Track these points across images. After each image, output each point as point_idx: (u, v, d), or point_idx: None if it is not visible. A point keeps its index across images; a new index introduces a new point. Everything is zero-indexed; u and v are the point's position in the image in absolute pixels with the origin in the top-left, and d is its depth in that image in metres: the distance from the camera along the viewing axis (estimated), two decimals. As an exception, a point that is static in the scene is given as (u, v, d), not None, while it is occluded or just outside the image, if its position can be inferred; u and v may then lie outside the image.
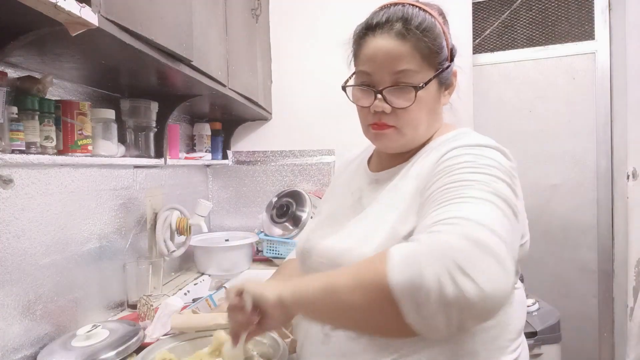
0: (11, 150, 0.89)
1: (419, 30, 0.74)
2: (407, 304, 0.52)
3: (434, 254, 0.52)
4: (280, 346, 0.84)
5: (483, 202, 0.59)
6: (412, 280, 0.51)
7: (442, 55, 0.77)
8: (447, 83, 0.82)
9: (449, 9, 0.84)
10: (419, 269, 0.51)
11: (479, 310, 0.50)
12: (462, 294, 0.49)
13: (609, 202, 2.22)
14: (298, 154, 2.21)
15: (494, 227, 0.54)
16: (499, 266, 0.51)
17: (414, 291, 0.51)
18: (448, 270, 0.50)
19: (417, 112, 0.76)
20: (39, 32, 0.77)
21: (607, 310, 2.23)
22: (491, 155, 0.68)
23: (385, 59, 0.75)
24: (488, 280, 0.49)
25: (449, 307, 0.49)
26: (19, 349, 0.97)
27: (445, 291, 0.49)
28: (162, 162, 1.51)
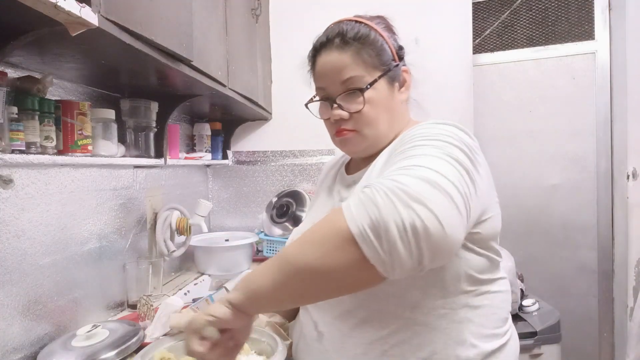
0: (11, 150, 0.89)
1: (355, 40, 0.82)
2: (367, 242, 0.52)
3: (388, 191, 0.53)
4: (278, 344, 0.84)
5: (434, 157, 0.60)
6: (370, 217, 0.52)
7: (384, 57, 0.83)
8: (398, 80, 0.86)
9: (449, 8, 0.86)
10: (374, 205, 0.52)
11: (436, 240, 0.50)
12: (419, 218, 0.50)
13: (609, 202, 2.22)
14: (298, 154, 2.21)
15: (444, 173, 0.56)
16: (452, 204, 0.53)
17: (373, 227, 0.51)
18: (403, 201, 0.51)
19: (371, 112, 0.82)
20: (39, 32, 0.77)
21: (607, 310, 2.23)
22: (447, 129, 0.70)
23: (333, 72, 0.83)
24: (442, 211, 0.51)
25: (408, 235, 0.50)
26: (19, 349, 0.97)
27: (403, 219, 0.50)
28: (162, 162, 1.51)
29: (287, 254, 0.59)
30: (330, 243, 0.55)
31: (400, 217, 0.50)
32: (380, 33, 0.84)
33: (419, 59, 0.96)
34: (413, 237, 0.50)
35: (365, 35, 0.82)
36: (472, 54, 2.15)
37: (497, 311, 0.75)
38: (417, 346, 0.70)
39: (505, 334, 0.77)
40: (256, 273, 0.62)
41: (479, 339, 0.72)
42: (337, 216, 0.55)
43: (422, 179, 0.54)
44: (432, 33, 2.11)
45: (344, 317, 0.75)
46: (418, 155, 0.62)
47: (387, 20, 0.90)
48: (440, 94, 2.11)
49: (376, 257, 0.52)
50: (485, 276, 0.74)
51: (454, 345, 0.70)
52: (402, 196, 0.52)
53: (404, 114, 0.88)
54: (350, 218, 0.53)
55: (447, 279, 0.70)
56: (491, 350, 0.73)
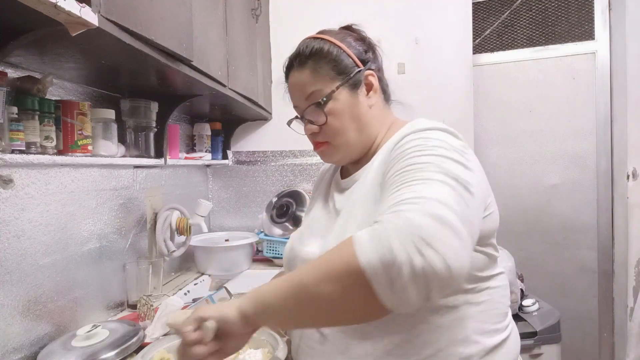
0: (11, 150, 0.89)
1: (310, 56, 0.86)
2: (380, 282, 0.53)
3: (400, 231, 0.54)
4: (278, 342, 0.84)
5: (437, 183, 0.62)
6: (383, 257, 0.53)
7: (341, 66, 0.85)
8: (361, 86, 0.87)
9: (449, 9, 0.87)
10: (388, 246, 0.53)
11: (444, 279, 0.53)
12: (429, 265, 0.52)
13: (609, 202, 2.22)
14: (298, 154, 2.21)
15: (449, 204, 0.58)
16: (457, 238, 0.55)
17: (386, 268, 0.53)
18: (415, 244, 0.53)
19: (336, 123, 0.85)
20: (39, 32, 0.77)
21: (607, 310, 2.23)
22: (438, 137, 0.71)
23: (297, 90, 0.89)
24: (449, 251, 0.53)
25: (418, 278, 0.52)
26: (19, 349, 0.97)
27: (414, 263, 0.52)
28: (162, 162, 1.51)
29: (303, 280, 0.60)
30: (343, 278, 0.56)
31: (411, 262, 0.52)
32: (336, 44, 0.86)
33: (419, 58, 0.96)
34: (424, 280, 0.52)
35: (318, 50, 0.86)
36: (472, 54, 2.15)
37: (497, 306, 0.77)
38: (421, 345, 0.71)
39: (506, 329, 0.78)
40: (270, 289, 0.63)
41: (481, 334, 0.73)
42: (349, 251, 0.56)
43: (431, 216, 0.55)
44: (432, 33, 2.12)
45: None
46: (421, 180, 0.63)
47: (350, 30, 0.92)
48: (440, 94, 2.11)
49: (386, 295, 0.54)
50: (484, 273, 0.76)
51: (457, 342, 0.71)
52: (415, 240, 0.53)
53: (380, 116, 0.89)
54: (362, 256, 0.54)
55: None
56: (493, 345, 0.74)
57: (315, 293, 0.58)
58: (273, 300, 0.62)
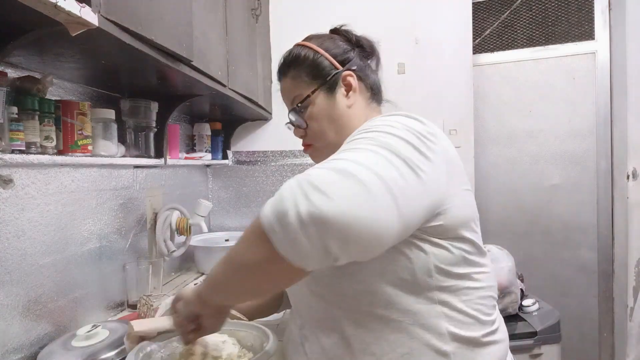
0: (11, 150, 0.89)
1: (290, 64, 0.90)
2: (274, 233, 0.53)
3: (294, 184, 0.54)
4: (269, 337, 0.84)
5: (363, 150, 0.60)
6: (275, 208, 0.54)
7: (318, 69, 0.88)
8: (339, 87, 0.88)
9: (449, 9, 0.86)
10: (280, 197, 0.54)
11: (338, 227, 0.50)
12: (315, 208, 0.50)
13: (609, 202, 2.22)
14: (298, 154, 2.21)
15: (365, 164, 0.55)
16: (363, 189, 0.52)
17: (277, 217, 0.53)
18: (303, 190, 0.52)
19: (315, 126, 0.88)
20: (39, 32, 0.77)
21: (607, 310, 2.23)
22: (395, 119, 0.68)
23: (284, 96, 0.93)
24: (345, 197, 0.51)
25: (305, 224, 0.51)
26: (19, 349, 0.97)
27: (299, 207, 0.51)
28: (162, 162, 1.51)
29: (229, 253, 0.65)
30: (251, 238, 0.59)
31: (297, 206, 0.51)
32: (313, 48, 0.89)
33: (419, 58, 0.96)
34: (312, 225, 0.50)
35: (296, 57, 0.90)
36: (472, 54, 2.15)
37: (476, 306, 0.72)
38: (395, 342, 0.69)
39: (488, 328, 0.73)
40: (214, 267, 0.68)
41: (458, 332, 0.70)
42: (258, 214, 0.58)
43: (332, 169, 0.54)
44: (432, 33, 2.12)
45: (322, 319, 0.75)
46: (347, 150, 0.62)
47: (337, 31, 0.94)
48: (440, 94, 2.11)
49: (283, 248, 0.53)
50: (459, 270, 0.71)
51: (433, 339, 0.69)
52: (304, 186, 0.53)
53: (362, 115, 0.88)
54: (262, 212, 0.56)
55: (417, 274, 0.68)
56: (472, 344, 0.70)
57: (235, 260, 0.63)
58: (214, 276, 0.68)
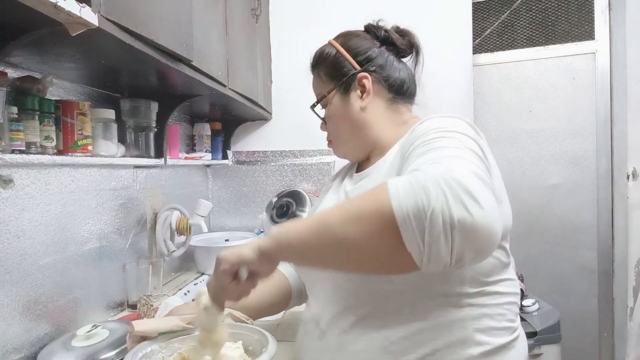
0: (11, 150, 0.89)
1: (316, 62, 0.93)
2: (409, 229, 0.50)
3: (440, 176, 0.50)
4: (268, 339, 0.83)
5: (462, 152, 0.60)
6: (417, 203, 0.49)
7: (338, 69, 0.89)
8: (354, 89, 0.88)
9: (449, 9, 0.87)
10: (425, 191, 0.49)
11: (480, 237, 0.48)
12: (470, 216, 0.47)
13: (609, 202, 2.22)
14: (298, 154, 2.21)
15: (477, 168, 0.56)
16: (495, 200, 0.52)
17: (418, 214, 0.49)
18: (455, 192, 0.48)
19: (332, 125, 0.91)
20: (39, 32, 0.77)
21: (607, 310, 2.23)
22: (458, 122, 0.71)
23: (314, 92, 0.95)
24: (491, 207, 0.49)
25: (453, 229, 0.48)
26: (19, 349, 0.97)
27: (452, 211, 0.48)
28: (162, 162, 1.51)
29: (328, 221, 0.58)
30: (371, 221, 0.53)
31: (448, 210, 0.48)
32: (335, 46, 0.90)
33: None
34: (459, 233, 0.48)
35: (319, 55, 0.92)
36: (472, 54, 2.15)
37: (502, 312, 0.73)
38: (418, 343, 0.69)
39: (510, 335, 0.74)
40: (293, 227, 0.63)
41: (482, 338, 0.70)
42: (383, 194, 0.53)
43: (472, 171, 0.52)
44: (432, 33, 2.11)
45: (344, 314, 0.75)
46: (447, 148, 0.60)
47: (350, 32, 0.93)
48: (441, 94, 2.11)
49: (415, 247, 0.50)
50: (491, 278, 0.72)
51: (457, 342, 0.69)
52: (456, 188, 0.48)
53: (380, 116, 0.88)
54: (396, 201, 0.51)
55: (451, 282, 0.69)
56: (494, 351, 0.71)
57: (339, 233, 0.56)
58: (296, 237, 0.62)
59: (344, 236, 0.55)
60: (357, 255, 0.57)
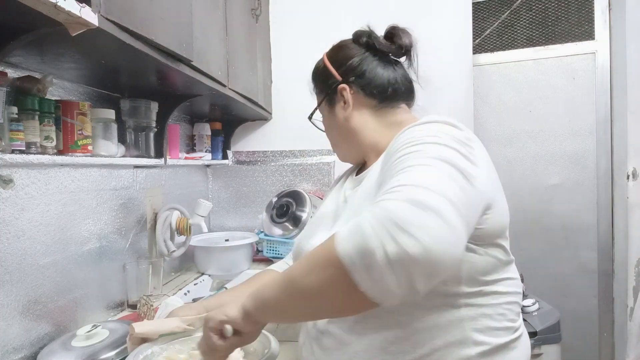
0: (11, 150, 0.89)
1: (312, 76, 0.98)
2: (357, 271, 0.52)
3: (374, 218, 0.53)
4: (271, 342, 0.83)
5: (423, 167, 0.60)
6: (358, 246, 0.52)
7: (325, 83, 0.93)
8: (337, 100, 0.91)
9: (449, 9, 0.86)
10: (362, 235, 0.53)
11: (424, 265, 0.50)
12: (404, 251, 0.50)
13: (609, 202, 2.22)
14: (298, 154, 2.21)
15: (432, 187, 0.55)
16: (440, 220, 0.52)
17: (361, 256, 0.52)
18: (388, 231, 0.51)
19: (327, 133, 0.99)
20: (39, 32, 0.77)
21: (607, 310, 2.23)
22: (436, 128, 0.69)
23: None
24: (428, 234, 0.50)
25: (394, 265, 0.50)
26: (19, 349, 0.97)
27: (387, 249, 0.50)
28: (162, 162, 1.51)
29: (291, 275, 0.63)
30: (324, 269, 0.57)
31: (384, 248, 0.50)
32: (323, 59, 0.94)
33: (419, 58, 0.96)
34: (400, 267, 0.50)
35: (314, 69, 0.97)
36: (472, 54, 2.15)
37: (502, 312, 0.73)
38: (417, 343, 0.69)
39: (511, 334, 0.74)
40: (267, 285, 0.67)
41: (481, 337, 0.70)
42: (330, 243, 0.57)
43: (408, 201, 0.53)
44: (432, 33, 2.11)
45: None
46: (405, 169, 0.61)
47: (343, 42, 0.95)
48: (440, 94, 2.11)
49: (366, 285, 0.53)
50: (489, 277, 0.72)
51: (455, 342, 0.69)
52: (388, 226, 0.52)
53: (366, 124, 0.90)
54: (341, 248, 0.54)
55: (447, 281, 0.69)
56: (494, 349, 0.71)
57: (301, 286, 0.60)
58: (268, 296, 0.66)
59: (305, 287, 0.60)
60: (321, 303, 0.61)
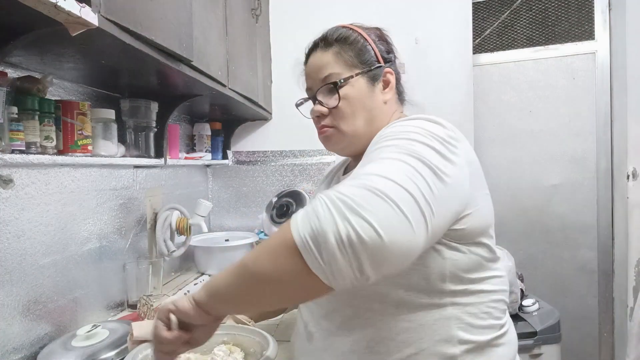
0: (11, 150, 0.89)
1: (337, 40, 0.87)
2: (308, 252, 0.53)
3: (329, 200, 0.54)
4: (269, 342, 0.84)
5: (391, 161, 0.60)
6: (311, 227, 0.53)
7: (364, 56, 0.86)
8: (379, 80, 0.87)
9: (449, 9, 0.86)
10: (316, 216, 0.53)
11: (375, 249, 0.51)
12: (355, 232, 0.50)
13: (609, 202, 2.22)
14: (298, 154, 2.21)
15: (395, 178, 0.55)
16: (396, 210, 0.52)
17: (313, 237, 0.53)
18: (341, 212, 0.52)
19: (347, 108, 0.84)
20: (39, 32, 0.77)
21: (607, 310, 2.23)
22: (418, 124, 0.69)
23: (315, 71, 0.88)
24: (381, 221, 0.51)
25: (344, 246, 0.51)
26: (19, 349, 0.97)
27: (339, 230, 0.51)
28: (162, 162, 1.51)
29: (245, 260, 0.62)
30: (278, 252, 0.57)
31: (337, 229, 0.51)
32: (363, 35, 0.87)
33: (419, 58, 0.96)
34: (350, 248, 0.51)
35: (345, 36, 0.87)
36: (472, 54, 2.15)
37: (487, 310, 0.73)
38: (403, 343, 0.70)
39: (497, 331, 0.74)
40: (219, 275, 0.65)
41: (467, 335, 0.70)
42: (286, 226, 0.57)
43: (364, 187, 0.54)
44: (432, 33, 2.12)
45: (330, 316, 0.76)
46: (374, 160, 0.61)
47: (380, 31, 0.92)
48: (440, 94, 2.11)
49: (317, 266, 0.53)
50: (473, 275, 0.72)
51: (441, 341, 0.69)
52: (340, 207, 0.52)
53: (387, 114, 0.88)
54: (294, 228, 0.55)
55: (431, 278, 0.69)
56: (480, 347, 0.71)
57: (254, 271, 0.59)
58: (221, 284, 0.64)
59: (259, 271, 0.59)
60: (275, 287, 0.59)
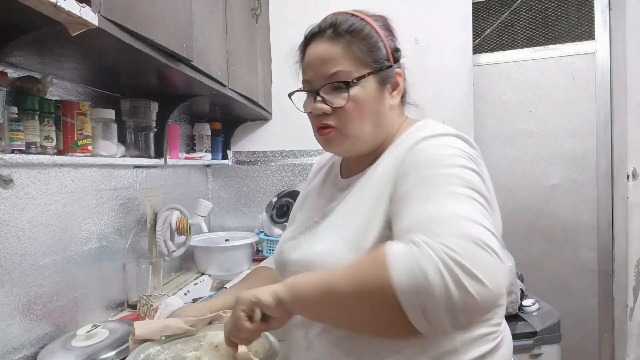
0: (11, 150, 0.89)
1: (348, 32, 0.78)
2: (414, 310, 0.53)
3: (436, 256, 0.53)
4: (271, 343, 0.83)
5: (464, 198, 0.61)
6: (418, 287, 0.52)
7: (377, 54, 0.79)
8: (389, 82, 0.81)
9: (449, 9, 0.85)
10: (423, 275, 0.52)
11: (485, 306, 0.52)
12: (470, 296, 0.51)
13: (609, 202, 2.22)
14: (298, 154, 2.21)
15: (481, 221, 0.57)
16: (495, 259, 0.54)
17: (421, 298, 0.52)
18: (454, 274, 0.51)
19: (355, 110, 0.77)
20: (39, 32, 0.77)
21: (607, 310, 2.23)
22: (455, 144, 0.70)
23: (320, 63, 0.79)
24: (489, 275, 0.52)
25: (456, 311, 0.51)
26: (19, 349, 0.97)
27: (452, 296, 0.51)
28: (162, 162, 1.51)
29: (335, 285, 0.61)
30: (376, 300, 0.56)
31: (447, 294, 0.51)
32: (376, 30, 0.80)
33: (419, 59, 0.95)
34: (463, 311, 0.51)
35: (359, 29, 0.79)
36: (472, 54, 2.15)
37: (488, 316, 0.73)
38: (408, 356, 0.69)
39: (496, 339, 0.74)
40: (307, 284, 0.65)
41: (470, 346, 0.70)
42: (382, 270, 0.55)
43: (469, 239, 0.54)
44: (432, 33, 2.11)
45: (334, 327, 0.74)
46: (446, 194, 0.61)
47: (387, 21, 0.86)
48: (440, 94, 2.11)
49: (419, 322, 0.53)
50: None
51: (445, 354, 0.69)
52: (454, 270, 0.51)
53: (394, 118, 0.83)
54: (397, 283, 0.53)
55: None
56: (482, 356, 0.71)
57: (344, 300, 0.60)
58: (307, 295, 0.64)
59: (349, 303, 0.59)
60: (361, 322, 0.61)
